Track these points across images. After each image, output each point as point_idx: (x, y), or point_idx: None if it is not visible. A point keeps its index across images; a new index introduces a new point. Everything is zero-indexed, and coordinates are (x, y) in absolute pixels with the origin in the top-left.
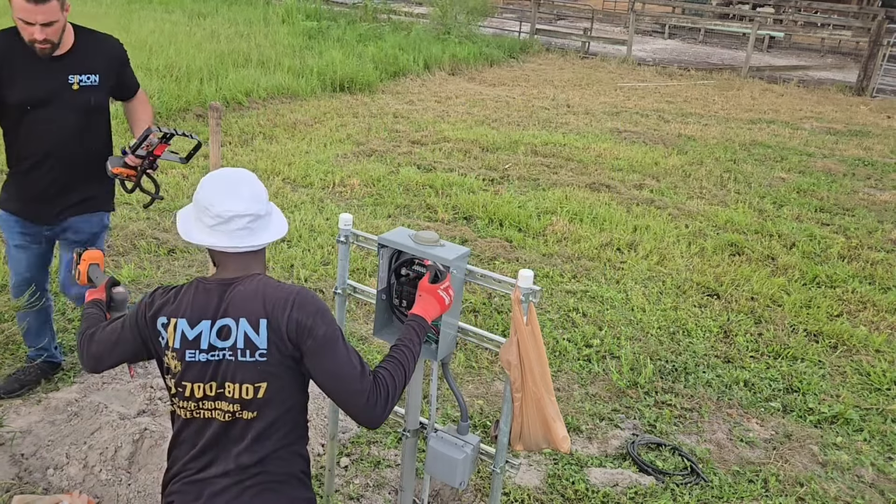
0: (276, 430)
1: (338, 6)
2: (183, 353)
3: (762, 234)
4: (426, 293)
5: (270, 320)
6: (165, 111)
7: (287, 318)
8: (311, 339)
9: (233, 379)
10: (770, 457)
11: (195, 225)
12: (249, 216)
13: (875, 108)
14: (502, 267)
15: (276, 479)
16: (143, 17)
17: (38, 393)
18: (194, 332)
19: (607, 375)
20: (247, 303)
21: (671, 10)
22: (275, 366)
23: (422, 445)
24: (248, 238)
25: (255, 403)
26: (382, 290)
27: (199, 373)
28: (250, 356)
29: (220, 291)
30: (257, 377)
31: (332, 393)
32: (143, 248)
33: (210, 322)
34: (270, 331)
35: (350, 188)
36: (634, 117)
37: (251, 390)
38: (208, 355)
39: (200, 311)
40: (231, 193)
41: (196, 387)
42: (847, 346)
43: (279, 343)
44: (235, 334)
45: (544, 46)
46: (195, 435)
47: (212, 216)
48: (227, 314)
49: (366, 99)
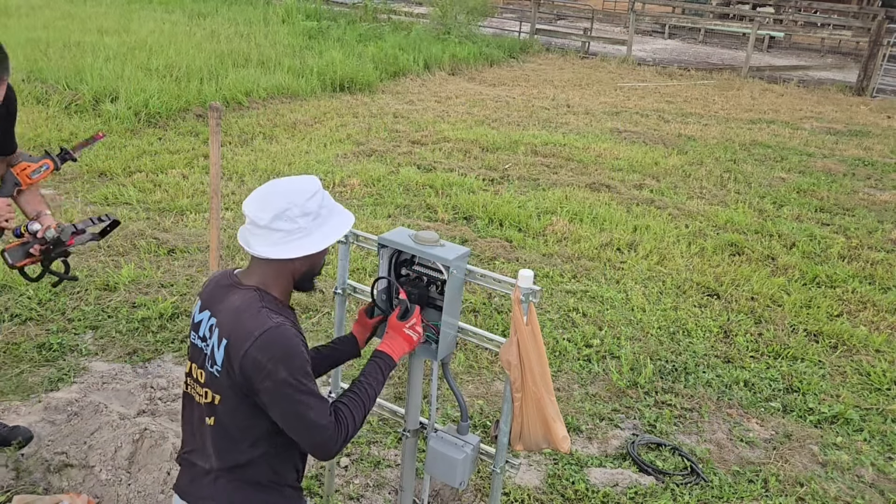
0: (236, 444)
1: (338, 6)
2: (191, 333)
3: (762, 234)
4: (393, 330)
5: (230, 343)
6: (165, 111)
7: (245, 352)
8: (269, 381)
9: (204, 378)
10: (770, 457)
11: (245, 228)
12: (282, 231)
13: (875, 108)
14: (502, 267)
15: (244, 482)
16: (143, 17)
17: (39, 393)
18: (200, 316)
19: (607, 375)
20: (227, 314)
21: (671, 10)
22: (226, 386)
23: (422, 445)
24: (266, 243)
25: (213, 409)
26: (382, 290)
27: (195, 355)
28: (210, 365)
29: (227, 290)
30: (214, 387)
31: (290, 430)
32: (143, 248)
33: (209, 314)
34: (226, 354)
35: (350, 188)
36: (634, 117)
37: (210, 395)
38: (201, 343)
39: (210, 301)
40: (274, 203)
41: (193, 366)
42: (847, 346)
43: (230, 370)
44: (213, 338)
45: (544, 46)
46: (190, 413)
47: (250, 219)
48: (218, 313)
49: (366, 99)
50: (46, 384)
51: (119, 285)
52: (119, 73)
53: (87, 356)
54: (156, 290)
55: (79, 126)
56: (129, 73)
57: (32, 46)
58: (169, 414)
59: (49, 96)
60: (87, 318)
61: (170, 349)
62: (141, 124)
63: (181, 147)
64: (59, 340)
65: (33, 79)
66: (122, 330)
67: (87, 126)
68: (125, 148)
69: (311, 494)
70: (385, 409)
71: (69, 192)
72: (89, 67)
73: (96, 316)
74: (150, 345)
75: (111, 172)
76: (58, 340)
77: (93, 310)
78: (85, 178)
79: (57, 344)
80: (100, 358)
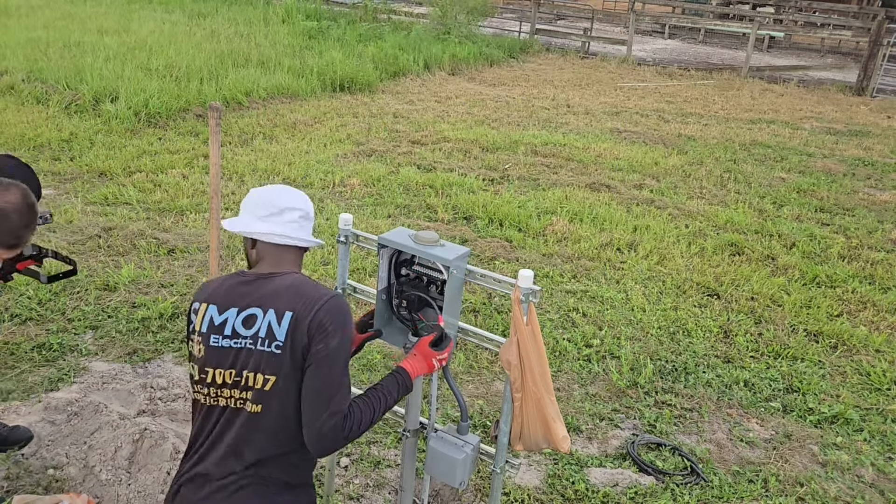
0: (275, 432)
1: (338, 6)
2: (208, 338)
3: (762, 234)
4: (421, 354)
5: (297, 313)
6: (165, 111)
7: (314, 315)
8: (323, 343)
9: (250, 368)
10: (770, 457)
11: (244, 218)
12: (301, 211)
13: (875, 108)
14: (502, 267)
15: (272, 483)
16: (143, 17)
17: (39, 393)
18: (221, 318)
19: (607, 375)
20: (279, 295)
21: (671, 10)
22: (286, 363)
23: (422, 445)
24: (298, 231)
25: (263, 396)
26: (382, 290)
27: (221, 358)
28: (267, 346)
29: (256, 283)
30: (269, 369)
31: (311, 403)
32: (143, 248)
33: (237, 310)
34: (293, 324)
35: (350, 188)
36: (634, 117)
37: (262, 381)
38: (231, 342)
39: (232, 299)
40: (288, 191)
41: (217, 373)
42: (847, 346)
43: (296, 337)
44: (260, 323)
45: (544, 46)
46: (208, 422)
47: (265, 206)
48: (257, 304)
49: (366, 99)
50: (46, 384)
51: (119, 285)
52: (119, 73)
53: (87, 356)
54: (156, 290)
55: (79, 126)
56: (129, 73)
57: (32, 46)
58: (169, 414)
59: (49, 96)
60: (87, 318)
61: (170, 349)
62: (141, 124)
63: (181, 147)
64: (59, 340)
65: (33, 79)
66: (122, 330)
67: (87, 126)
68: (125, 148)
69: None
70: None
71: (69, 192)
72: (89, 67)
73: (96, 316)
74: (150, 345)
75: (111, 172)
76: (58, 340)
77: (93, 310)
78: (85, 178)
79: (57, 344)
80: (100, 358)
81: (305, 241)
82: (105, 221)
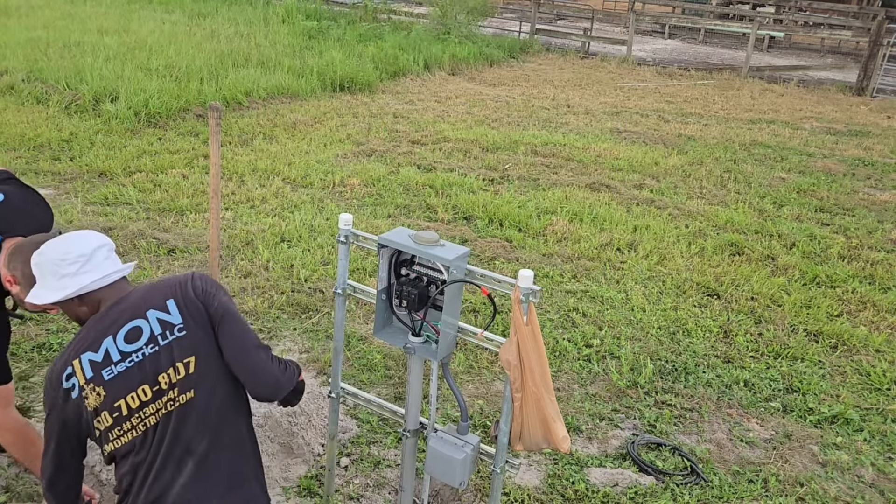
0: (217, 406)
1: (338, 6)
2: (99, 377)
3: (762, 234)
4: None
5: (175, 297)
6: (165, 111)
7: (191, 286)
8: (215, 301)
9: (163, 367)
10: (770, 457)
11: (56, 285)
12: (106, 245)
13: (875, 108)
14: (502, 267)
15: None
16: (143, 17)
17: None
18: (100, 353)
19: (607, 375)
20: (145, 300)
21: (671, 10)
22: (195, 337)
23: (422, 445)
24: (116, 263)
25: (189, 381)
26: (382, 290)
27: (125, 383)
28: (170, 334)
29: (112, 310)
30: (183, 353)
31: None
32: (143, 248)
33: (112, 337)
34: (180, 305)
35: (350, 188)
36: (634, 117)
37: (182, 368)
38: (125, 363)
39: (98, 335)
40: (81, 236)
41: (130, 398)
42: (847, 346)
43: (192, 310)
44: (148, 327)
45: (544, 46)
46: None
47: (71, 262)
48: (130, 318)
49: (366, 99)
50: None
51: None
52: (119, 73)
53: None
54: None
55: (79, 126)
56: (129, 73)
57: (32, 46)
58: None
59: (49, 96)
60: None
61: None
62: (141, 124)
63: (181, 147)
64: (59, 340)
65: (33, 79)
66: None
67: (87, 126)
68: (125, 148)
69: (311, 494)
70: (385, 409)
71: (69, 192)
72: (89, 67)
73: None
74: None
75: (111, 172)
76: (58, 340)
77: None
78: (85, 178)
79: (57, 344)
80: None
81: (126, 269)
82: (105, 221)
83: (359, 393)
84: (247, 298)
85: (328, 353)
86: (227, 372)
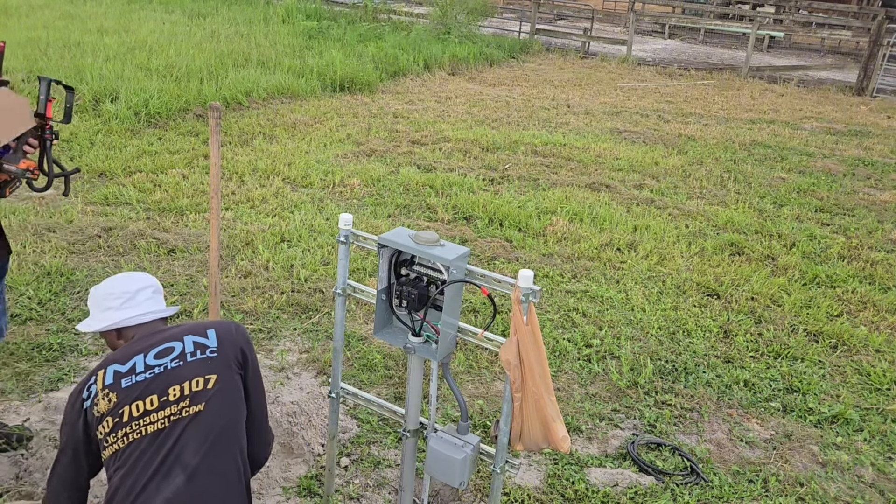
0: (222, 427)
1: (338, 6)
2: (118, 385)
3: (762, 234)
4: None
5: (218, 329)
6: (165, 111)
7: (234, 327)
8: (252, 353)
9: (180, 379)
10: (770, 457)
11: (100, 317)
12: (151, 287)
13: (875, 108)
14: (502, 267)
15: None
16: (143, 17)
17: (39, 393)
18: (127, 365)
19: (607, 375)
20: (185, 330)
21: (671, 10)
22: (224, 362)
23: (422, 445)
24: (157, 304)
25: (204, 395)
26: (382, 290)
27: (137, 392)
28: (200, 354)
29: (148, 339)
30: (207, 370)
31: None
32: (143, 248)
33: (143, 354)
34: (220, 336)
35: (350, 188)
36: (634, 117)
37: (201, 382)
38: (146, 374)
39: (131, 353)
40: (130, 276)
41: (134, 406)
42: (847, 346)
43: (228, 344)
44: (181, 346)
45: (544, 46)
46: (131, 461)
47: (116, 297)
48: (165, 342)
49: (366, 99)
50: (46, 384)
51: None
52: (119, 73)
53: (87, 356)
54: None
55: (79, 126)
56: (129, 73)
57: (32, 46)
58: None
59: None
60: None
61: None
62: (141, 124)
63: (181, 147)
64: (59, 340)
65: (33, 79)
66: None
67: (87, 126)
68: (125, 148)
69: (311, 494)
70: (385, 409)
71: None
72: (89, 67)
73: None
74: None
75: (111, 172)
76: (58, 340)
77: None
78: (85, 178)
79: (57, 344)
80: (100, 358)
81: (166, 311)
82: (105, 221)
83: (359, 393)
84: (247, 298)
85: (328, 353)
86: (240, 404)
